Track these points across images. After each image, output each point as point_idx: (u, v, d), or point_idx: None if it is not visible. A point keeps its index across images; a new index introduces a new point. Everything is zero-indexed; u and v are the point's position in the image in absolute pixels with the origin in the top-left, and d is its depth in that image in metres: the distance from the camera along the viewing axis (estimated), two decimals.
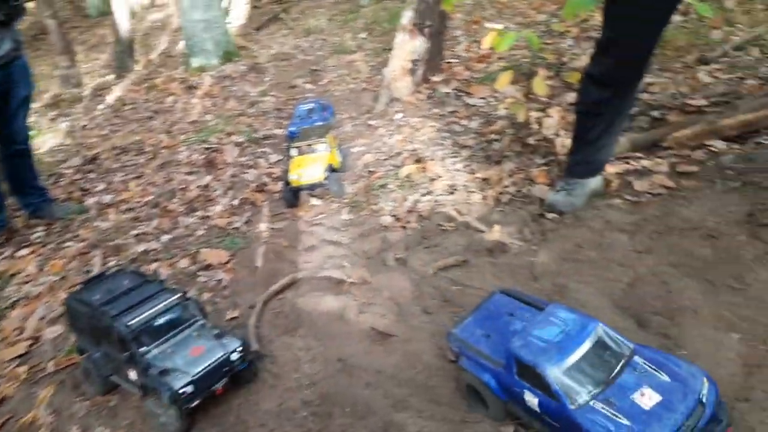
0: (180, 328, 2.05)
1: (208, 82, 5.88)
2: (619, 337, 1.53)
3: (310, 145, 3.49)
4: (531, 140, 3.29)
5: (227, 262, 2.89)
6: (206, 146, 4.30)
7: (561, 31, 4.87)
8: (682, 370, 1.45)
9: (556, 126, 3.36)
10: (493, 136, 3.47)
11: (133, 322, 1.97)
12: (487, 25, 2.81)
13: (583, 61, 4.07)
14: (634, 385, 1.42)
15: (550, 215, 2.62)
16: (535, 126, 3.36)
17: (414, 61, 4.22)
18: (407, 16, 4.14)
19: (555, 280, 2.14)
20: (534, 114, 3.37)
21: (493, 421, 1.67)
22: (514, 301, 1.83)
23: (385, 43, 5.89)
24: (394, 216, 2.98)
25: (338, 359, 2.08)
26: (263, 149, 4.18)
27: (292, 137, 3.68)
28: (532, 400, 1.49)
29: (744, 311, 1.80)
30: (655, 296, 1.95)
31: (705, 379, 1.43)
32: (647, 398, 1.38)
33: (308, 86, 5.42)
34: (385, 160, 3.55)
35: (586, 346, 1.46)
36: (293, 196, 3.35)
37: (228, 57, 6.49)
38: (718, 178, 2.66)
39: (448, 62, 4.71)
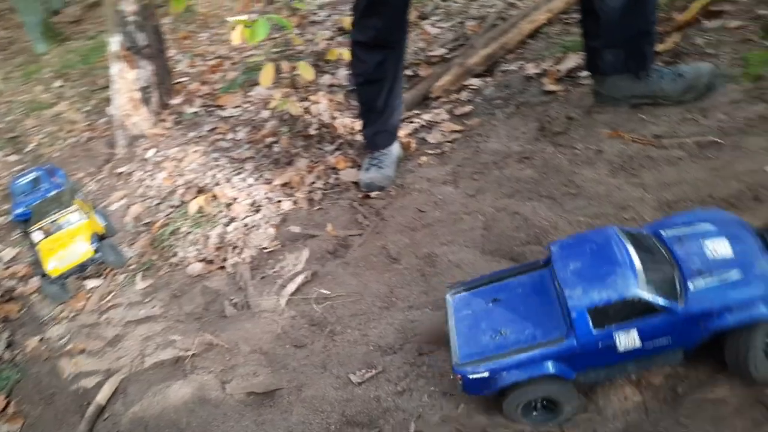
0: None
1: None
2: (630, 228, 1.44)
3: (55, 221, 2.75)
4: (311, 131, 3.09)
5: (5, 408, 2.08)
6: None
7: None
8: (714, 214, 1.43)
9: (327, 109, 3.22)
10: (269, 140, 3.17)
11: None
12: (230, 19, 2.48)
13: (321, 45, 4.01)
14: (697, 249, 1.31)
15: (374, 194, 2.46)
16: (307, 116, 3.17)
17: (143, 89, 3.63)
18: (116, 42, 3.53)
19: (418, 253, 1.99)
20: (301, 104, 3.17)
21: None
22: (477, 291, 1.55)
23: (90, 84, 5.07)
24: (203, 260, 2.50)
25: None
26: None
27: (23, 220, 2.88)
28: (629, 337, 1.28)
29: (592, 209, 1.88)
30: (514, 228, 1.93)
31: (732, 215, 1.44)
32: (721, 247, 1.30)
33: (12, 158, 4.34)
34: (158, 204, 2.98)
35: (631, 247, 1.31)
36: (60, 288, 2.60)
37: None
38: (494, 109, 2.82)
39: (179, 82, 4.21)
